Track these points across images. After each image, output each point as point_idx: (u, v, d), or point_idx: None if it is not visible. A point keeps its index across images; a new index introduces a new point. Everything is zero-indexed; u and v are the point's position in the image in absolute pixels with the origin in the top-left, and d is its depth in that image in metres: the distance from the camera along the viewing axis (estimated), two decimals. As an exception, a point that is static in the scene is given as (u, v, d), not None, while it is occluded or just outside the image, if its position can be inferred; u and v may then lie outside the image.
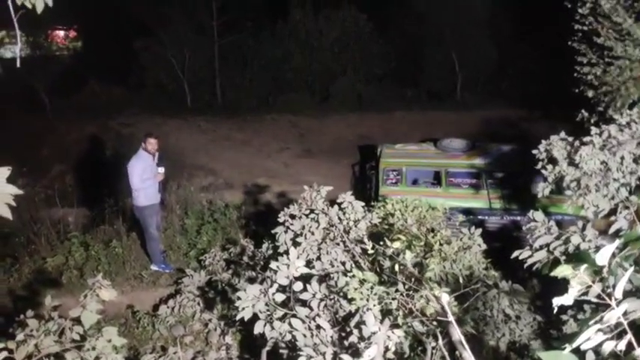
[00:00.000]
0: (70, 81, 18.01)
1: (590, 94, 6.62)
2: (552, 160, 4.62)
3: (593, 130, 4.35)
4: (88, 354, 2.82)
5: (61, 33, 22.86)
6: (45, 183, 9.78)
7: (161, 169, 6.56)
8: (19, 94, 17.04)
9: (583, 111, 5.00)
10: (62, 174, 10.69)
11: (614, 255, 1.83)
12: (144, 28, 16.49)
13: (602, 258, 1.76)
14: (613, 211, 4.36)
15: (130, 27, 16.90)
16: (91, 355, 2.80)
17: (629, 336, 1.62)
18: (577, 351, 1.67)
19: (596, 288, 1.77)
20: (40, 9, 2.44)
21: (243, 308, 3.45)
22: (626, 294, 1.76)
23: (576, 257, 1.89)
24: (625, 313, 1.63)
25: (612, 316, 1.64)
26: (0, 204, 1.91)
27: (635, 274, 2.20)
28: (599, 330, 1.68)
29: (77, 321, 3.05)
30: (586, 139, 4.36)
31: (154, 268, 6.80)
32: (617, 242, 1.76)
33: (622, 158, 4.23)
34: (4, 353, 2.31)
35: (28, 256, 6.93)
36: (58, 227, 7.44)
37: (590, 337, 1.69)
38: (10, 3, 2.36)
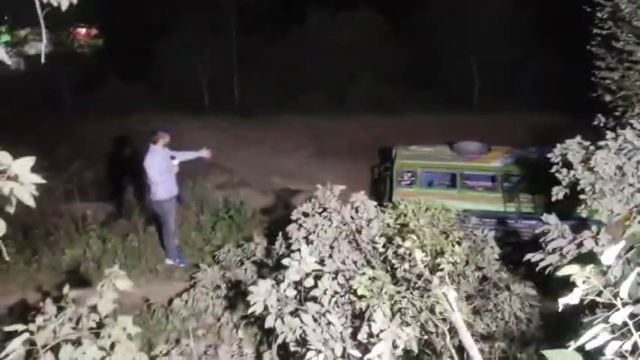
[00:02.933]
0: (90, 78, 18.34)
1: (608, 98, 6.57)
2: (567, 164, 4.61)
3: (609, 134, 4.33)
4: (103, 341, 2.89)
5: (83, 30, 23.29)
6: (65, 178, 9.97)
7: (175, 161, 6.69)
8: (41, 90, 17.41)
9: (600, 115, 4.97)
10: (81, 169, 10.86)
11: (620, 256, 1.83)
12: (164, 28, 16.73)
13: (607, 258, 1.78)
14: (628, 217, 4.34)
15: (150, 26, 17.15)
16: (106, 343, 2.88)
17: (635, 337, 1.63)
18: (583, 351, 1.68)
19: (602, 288, 1.78)
20: (64, 7, 2.53)
21: (255, 302, 3.52)
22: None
23: (583, 257, 1.90)
24: (633, 315, 1.64)
25: (618, 316, 1.65)
26: (24, 192, 1.99)
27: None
28: (605, 330, 1.69)
29: (94, 309, 3.15)
30: (601, 143, 4.34)
31: (169, 262, 6.91)
32: (623, 243, 1.78)
33: (638, 163, 4.21)
34: (26, 335, 2.40)
35: (47, 248, 7.10)
36: (77, 221, 7.59)
37: (595, 337, 1.70)
38: (37, 1, 2.46)
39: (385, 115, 14.79)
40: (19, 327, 2.41)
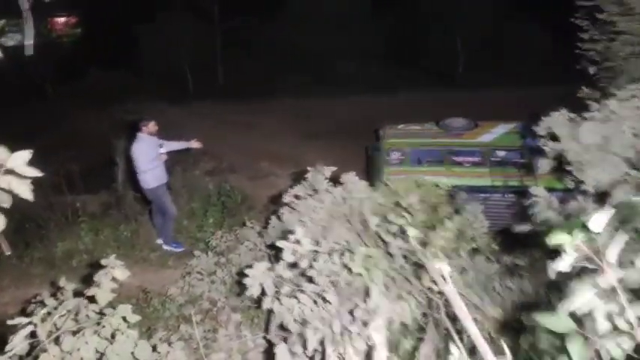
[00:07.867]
0: (71, 68, 18.04)
1: (592, 70, 6.61)
2: (553, 137, 4.65)
3: (594, 105, 4.38)
4: (104, 330, 2.92)
5: (61, 20, 22.79)
6: (50, 170, 9.85)
7: (163, 149, 6.68)
8: (21, 82, 17.08)
9: (584, 87, 5.02)
10: (67, 161, 10.75)
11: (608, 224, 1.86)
12: (144, 14, 16.45)
13: (596, 224, 1.82)
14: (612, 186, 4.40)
15: (130, 13, 16.86)
16: (107, 332, 2.91)
17: (622, 299, 1.68)
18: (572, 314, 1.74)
19: (592, 254, 1.83)
20: (48, -3, 2.50)
21: (251, 285, 3.55)
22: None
23: (571, 224, 1.94)
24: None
25: (605, 280, 1.71)
26: (23, 187, 2.00)
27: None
28: (594, 294, 1.74)
29: (92, 300, 3.17)
30: (587, 114, 4.38)
31: (165, 247, 6.91)
32: (612, 209, 1.82)
33: (623, 132, 4.26)
34: (30, 327, 2.42)
35: (39, 242, 7.06)
36: (67, 213, 7.55)
37: (585, 301, 1.76)
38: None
39: (372, 95, 14.77)
40: (23, 320, 2.42)
